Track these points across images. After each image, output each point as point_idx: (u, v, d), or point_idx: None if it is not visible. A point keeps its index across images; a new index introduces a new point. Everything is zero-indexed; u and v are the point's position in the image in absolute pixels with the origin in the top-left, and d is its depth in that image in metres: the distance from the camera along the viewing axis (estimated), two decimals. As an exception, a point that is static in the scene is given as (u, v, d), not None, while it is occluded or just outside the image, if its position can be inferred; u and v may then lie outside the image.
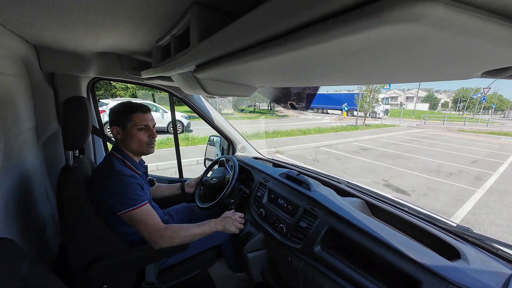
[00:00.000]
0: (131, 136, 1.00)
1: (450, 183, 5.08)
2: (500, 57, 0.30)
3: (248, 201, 1.42)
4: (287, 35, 0.29)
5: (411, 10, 0.18)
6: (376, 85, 15.20)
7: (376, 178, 5.30)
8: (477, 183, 5.15)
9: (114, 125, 1.01)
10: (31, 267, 0.57)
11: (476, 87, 45.01)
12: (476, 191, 4.65)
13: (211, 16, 0.51)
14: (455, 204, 4.03)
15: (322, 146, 8.60)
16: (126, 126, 0.99)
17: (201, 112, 1.73)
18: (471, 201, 4.19)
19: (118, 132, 1.00)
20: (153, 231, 0.93)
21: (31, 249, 1.01)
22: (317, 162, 6.55)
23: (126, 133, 1.00)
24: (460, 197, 4.33)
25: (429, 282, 0.70)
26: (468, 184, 5.08)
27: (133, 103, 1.02)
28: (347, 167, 6.13)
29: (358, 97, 16.48)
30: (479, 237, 0.85)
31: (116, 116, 1.00)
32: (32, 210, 1.08)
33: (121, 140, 1.01)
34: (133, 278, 1.04)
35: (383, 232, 0.87)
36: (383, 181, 5.10)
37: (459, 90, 50.47)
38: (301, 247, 1.03)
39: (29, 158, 1.09)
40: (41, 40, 0.96)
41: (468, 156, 7.81)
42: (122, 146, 1.02)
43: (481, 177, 5.64)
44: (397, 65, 0.37)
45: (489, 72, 0.37)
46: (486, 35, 0.23)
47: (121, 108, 1.01)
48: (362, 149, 8.48)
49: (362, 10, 0.20)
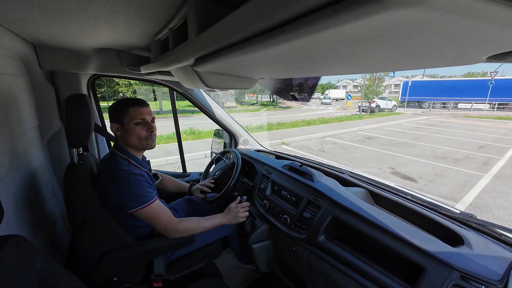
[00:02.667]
0: (129, 132, 0.98)
1: (457, 169, 5.08)
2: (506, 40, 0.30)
3: (251, 193, 1.43)
4: (288, 24, 0.29)
5: None
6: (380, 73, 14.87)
7: (383, 166, 5.30)
8: (484, 168, 5.14)
9: (113, 122, 1.00)
10: (44, 263, 0.59)
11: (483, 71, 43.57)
12: (484, 176, 4.66)
13: (209, 7, 0.50)
14: (463, 190, 4.05)
15: (327, 136, 8.58)
16: (124, 122, 0.98)
17: (202, 106, 1.73)
18: (478, 186, 4.20)
19: (117, 129, 1.00)
20: (168, 225, 0.98)
21: (43, 245, 1.04)
22: (323, 152, 6.55)
23: (124, 129, 0.99)
24: (467, 183, 4.35)
25: (432, 268, 0.71)
26: (475, 169, 5.08)
27: (129, 98, 1.01)
28: (354, 156, 6.13)
29: (490, 84, 15.16)
30: (482, 223, 0.85)
31: (114, 112, 1.00)
32: (41, 208, 1.10)
33: (121, 137, 1.01)
34: (142, 270, 1.06)
35: (386, 220, 0.88)
36: (390, 169, 5.11)
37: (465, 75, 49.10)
38: (306, 237, 1.04)
39: (35, 156, 1.11)
40: (38, 38, 0.96)
41: (475, 142, 7.74)
42: (123, 144, 1.02)
43: (488, 162, 5.62)
44: (400, 52, 0.36)
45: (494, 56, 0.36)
46: (491, 17, 0.22)
47: (118, 104, 1.00)
48: (367, 138, 8.44)
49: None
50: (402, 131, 9.90)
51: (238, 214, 1.17)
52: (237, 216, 1.17)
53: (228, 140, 1.95)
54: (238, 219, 1.17)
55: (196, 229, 1.05)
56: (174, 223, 1.00)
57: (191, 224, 1.04)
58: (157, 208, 0.97)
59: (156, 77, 1.36)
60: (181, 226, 1.01)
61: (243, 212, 1.19)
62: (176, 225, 1.00)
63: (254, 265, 1.39)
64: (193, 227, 1.04)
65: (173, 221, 1.00)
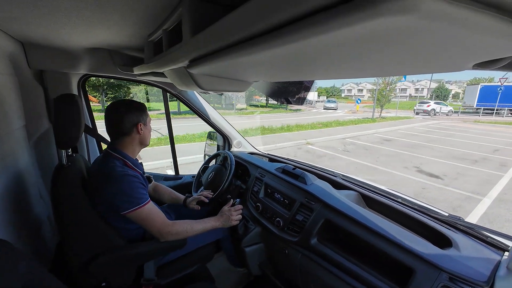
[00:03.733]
0: (149, 130, 1.09)
1: (477, 169, 5.37)
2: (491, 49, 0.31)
3: (245, 196, 1.42)
4: (283, 27, 0.29)
5: (405, 2, 0.18)
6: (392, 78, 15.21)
7: (407, 165, 5.53)
8: (503, 169, 5.46)
9: (140, 122, 1.02)
10: (28, 267, 0.56)
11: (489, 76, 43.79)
12: (503, 176, 4.96)
13: (204, 9, 0.50)
14: (486, 187, 4.29)
15: (347, 138, 8.88)
16: (146, 122, 1.06)
17: (195, 108, 1.72)
18: (500, 184, 4.48)
19: (142, 128, 1.03)
20: (161, 227, 0.98)
21: (28, 250, 1.00)
22: (348, 152, 6.76)
23: (146, 128, 1.06)
24: (489, 180, 4.64)
25: (422, 270, 0.73)
26: (494, 169, 5.38)
27: (134, 101, 1.07)
28: (377, 156, 6.39)
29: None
30: (469, 226, 0.88)
31: (138, 112, 1.03)
32: (27, 210, 1.06)
33: (142, 136, 1.04)
34: (132, 274, 1.04)
35: (377, 223, 0.89)
36: (415, 167, 5.34)
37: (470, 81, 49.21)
38: (298, 240, 1.04)
39: (21, 157, 1.07)
40: (27, 36, 0.93)
41: (490, 145, 8.03)
42: (138, 143, 1.05)
43: (505, 163, 5.90)
44: (392, 57, 0.37)
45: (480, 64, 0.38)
46: (478, 27, 0.23)
47: (139, 105, 1.04)
48: (385, 140, 8.75)
49: (357, 2, 0.20)
50: (416, 134, 10.27)
51: (231, 217, 1.16)
52: (230, 219, 1.16)
53: (221, 142, 1.94)
54: (231, 222, 1.16)
55: (189, 232, 1.04)
56: (168, 225, 0.99)
57: (184, 226, 1.04)
58: (151, 210, 0.97)
59: (149, 78, 1.34)
60: (174, 229, 1.00)
61: (236, 216, 1.19)
62: (169, 227, 0.99)
63: (246, 269, 1.38)
64: (186, 229, 1.04)
65: (167, 223, 0.99)
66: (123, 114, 0.99)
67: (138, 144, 1.06)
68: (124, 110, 0.99)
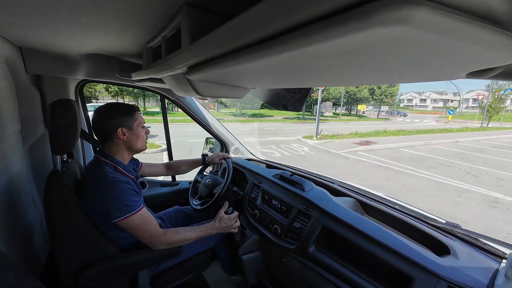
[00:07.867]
0: (138, 135, 1.02)
1: None
2: (484, 58, 0.32)
3: (242, 203, 1.41)
4: (280, 36, 0.30)
5: (399, 13, 0.18)
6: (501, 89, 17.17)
7: None
8: None
9: (120, 127, 0.98)
10: (17, 277, 0.55)
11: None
12: None
13: (203, 17, 0.51)
14: None
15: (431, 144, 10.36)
16: (133, 126, 1.01)
17: (193, 114, 1.72)
18: None
19: (125, 133, 0.99)
20: (152, 236, 0.95)
21: (19, 257, 0.97)
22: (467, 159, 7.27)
23: (133, 133, 1.01)
24: None
25: (420, 278, 0.72)
26: None
27: (127, 104, 1.05)
28: None
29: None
30: (467, 233, 0.88)
31: (122, 117, 0.99)
32: (18, 217, 1.04)
33: (126, 141, 1.00)
34: (125, 284, 1.01)
35: (375, 230, 0.88)
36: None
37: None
38: (296, 247, 1.03)
39: (15, 163, 1.05)
40: (25, 41, 0.93)
41: None
42: (126, 148, 1.01)
43: None
44: (386, 66, 0.38)
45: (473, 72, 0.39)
46: (470, 37, 0.24)
47: (123, 108, 1.01)
48: None
49: (352, 12, 0.21)
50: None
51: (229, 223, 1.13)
52: (230, 227, 1.13)
53: (219, 148, 1.94)
54: (230, 229, 1.13)
55: (182, 240, 1.02)
56: (159, 235, 0.96)
57: (177, 236, 1.01)
58: (143, 218, 0.94)
59: (148, 84, 1.34)
60: (166, 238, 0.98)
61: (235, 223, 1.16)
62: (161, 237, 0.96)
63: (242, 277, 1.35)
64: (179, 239, 1.01)
65: (158, 232, 0.97)
66: (103, 118, 0.97)
67: (125, 149, 1.02)
68: (104, 115, 0.97)
